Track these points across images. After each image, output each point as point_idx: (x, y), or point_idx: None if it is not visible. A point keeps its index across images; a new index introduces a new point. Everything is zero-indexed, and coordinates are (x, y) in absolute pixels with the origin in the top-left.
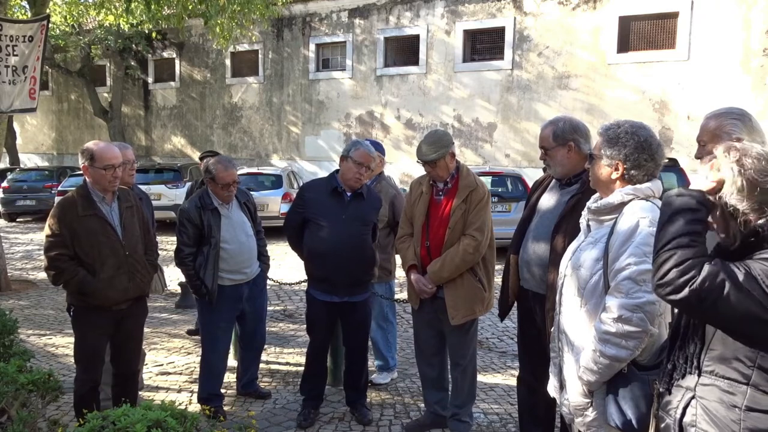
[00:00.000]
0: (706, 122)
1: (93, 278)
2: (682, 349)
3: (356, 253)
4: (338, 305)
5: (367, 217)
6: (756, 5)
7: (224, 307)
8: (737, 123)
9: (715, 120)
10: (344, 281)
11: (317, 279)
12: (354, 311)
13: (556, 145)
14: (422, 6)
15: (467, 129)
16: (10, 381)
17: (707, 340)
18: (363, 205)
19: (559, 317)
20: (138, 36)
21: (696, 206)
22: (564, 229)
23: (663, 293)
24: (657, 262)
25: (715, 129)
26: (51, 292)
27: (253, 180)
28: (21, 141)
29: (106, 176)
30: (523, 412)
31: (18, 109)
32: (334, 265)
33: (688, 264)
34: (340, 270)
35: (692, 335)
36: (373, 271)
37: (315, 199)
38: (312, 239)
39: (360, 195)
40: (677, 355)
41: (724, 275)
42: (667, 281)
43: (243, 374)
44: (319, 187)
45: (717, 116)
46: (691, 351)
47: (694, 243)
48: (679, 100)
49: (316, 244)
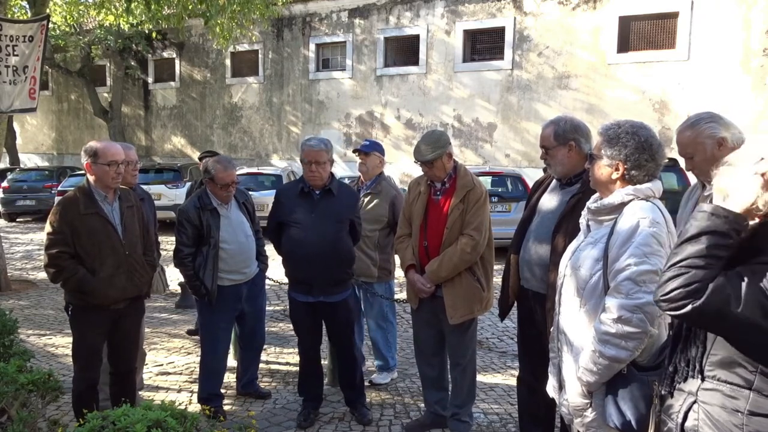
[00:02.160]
0: (682, 136)
1: (92, 277)
2: (684, 352)
3: (328, 251)
4: (317, 305)
5: (339, 215)
6: (756, 5)
7: (224, 307)
8: (713, 125)
9: (691, 129)
10: (318, 281)
11: (293, 280)
12: (334, 311)
13: (557, 144)
14: (422, 6)
15: (467, 129)
16: (10, 381)
17: (709, 344)
18: (334, 203)
19: (559, 317)
20: (138, 36)
21: (726, 231)
22: (565, 229)
23: (664, 308)
24: (666, 276)
25: (696, 137)
26: (51, 292)
27: (253, 180)
28: (21, 141)
29: (110, 173)
30: (523, 412)
31: (18, 109)
32: (306, 264)
33: (695, 287)
34: (313, 269)
35: (694, 339)
36: (351, 269)
37: (285, 201)
38: (285, 241)
39: (329, 192)
40: (679, 358)
41: (729, 290)
42: (670, 298)
43: (243, 374)
44: (290, 190)
45: (691, 126)
46: (692, 354)
47: (710, 266)
48: (679, 100)
49: (288, 246)
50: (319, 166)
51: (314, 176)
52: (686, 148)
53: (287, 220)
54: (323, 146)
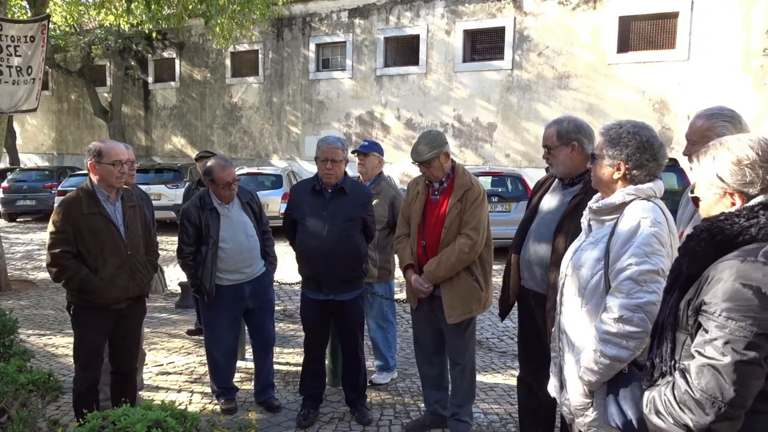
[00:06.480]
0: (696, 121)
1: (95, 276)
2: (659, 348)
3: (339, 250)
4: (328, 303)
5: (351, 213)
6: (756, 5)
7: (224, 306)
8: (727, 125)
9: (706, 120)
10: (329, 279)
11: (306, 277)
12: (343, 309)
13: (560, 144)
14: (422, 6)
15: (467, 129)
16: (10, 381)
17: (678, 342)
18: (345, 201)
19: (560, 317)
20: (138, 36)
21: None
22: (566, 229)
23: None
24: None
25: (706, 130)
26: (51, 292)
27: (253, 180)
28: (21, 141)
29: (114, 172)
30: (523, 412)
31: (21, 109)
32: (318, 262)
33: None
34: (324, 267)
35: (665, 335)
36: (361, 268)
37: (299, 199)
38: (299, 238)
39: (341, 191)
40: (655, 354)
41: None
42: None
43: (257, 378)
44: (303, 188)
45: (708, 116)
46: (664, 350)
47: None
48: (679, 100)
49: (301, 243)
50: (334, 164)
51: (329, 174)
52: (693, 135)
53: (300, 218)
54: (339, 144)
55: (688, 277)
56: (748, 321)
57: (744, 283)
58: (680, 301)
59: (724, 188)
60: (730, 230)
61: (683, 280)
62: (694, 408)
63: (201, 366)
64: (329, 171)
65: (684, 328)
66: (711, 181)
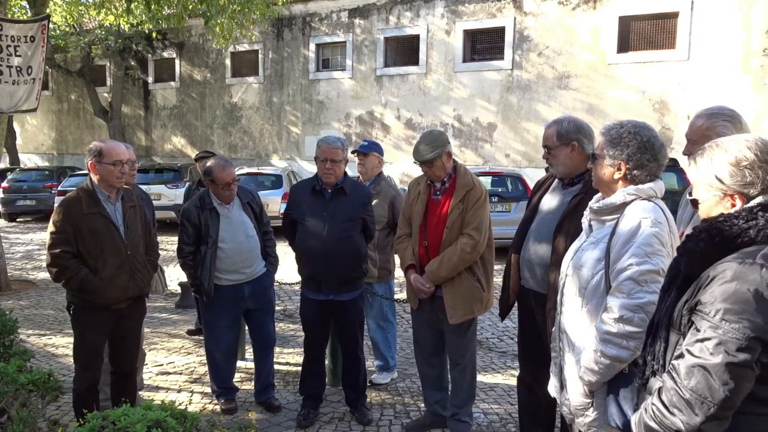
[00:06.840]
0: (696, 120)
1: (95, 276)
2: (652, 347)
3: (339, 250)
4: (327, 304)
5: (351, 213)
6: (756, 5)
7: (223, 306)
8: (728, 125)
9: (706, 119)
10: (329, 279)
11: (305, 277)
12: (343, 310)
13: (560, 144)
14: (422, 6)
15: (467, 129)
16: (10, 381)
17: (671, 341)
18: (345, 201)
19: (560, 317)
20: (138, 36)
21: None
22: (566, 229)
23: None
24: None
25: (706, 129)
26: (51, 292)
27: (253, 180)
28: (21, 141)
29: (114, 172)
30: (523, 412)
31: (21, 109)
32: (318, 262)
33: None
34: (324, 267)
35: (660, 334)
36: (361, 268)
37: (298, 199)
38: (299, 238)
39: (341, 191)
40: (648, 351)
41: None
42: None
43: (257, 378)
44: (303, 188)
45: (708, 116)
46: (657, 349)
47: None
48: (679, 100)
49: (301, 243)
50: (334, 164)
51: (329, 174)
52: (693, 134)
53: (300, 218)
54: (339, 144)
55: (685, 277)
56: (743, 323)
57: (742, 286)
58: (677, 301)
59: (724, 190)
60: (728, 232)
61: (681, 280)
62: (684, 408)
63: (201, 366)
64: (329, 171)
65: (677, 328)
66: (710, 183)
